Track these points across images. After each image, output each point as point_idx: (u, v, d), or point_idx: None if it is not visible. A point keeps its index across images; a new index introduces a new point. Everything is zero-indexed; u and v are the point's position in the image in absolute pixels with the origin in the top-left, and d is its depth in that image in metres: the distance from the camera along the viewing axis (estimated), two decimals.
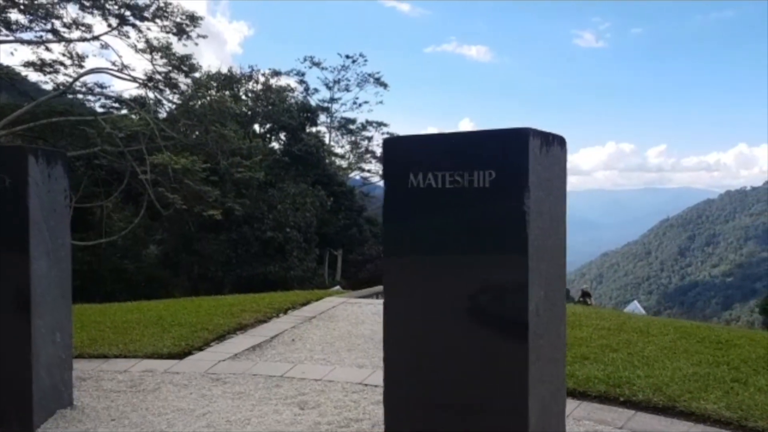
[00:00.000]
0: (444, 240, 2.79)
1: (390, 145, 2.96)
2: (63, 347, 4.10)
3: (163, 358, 5.58)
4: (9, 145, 4.51)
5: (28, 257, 3.70)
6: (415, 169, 2.84)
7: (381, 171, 34.39)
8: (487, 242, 2.67)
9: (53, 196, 3.96)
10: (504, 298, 2.62)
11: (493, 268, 2.65)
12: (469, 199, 2.70)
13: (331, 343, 6.19)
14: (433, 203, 2.80)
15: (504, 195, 2.60)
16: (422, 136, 2.89)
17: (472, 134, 2.70)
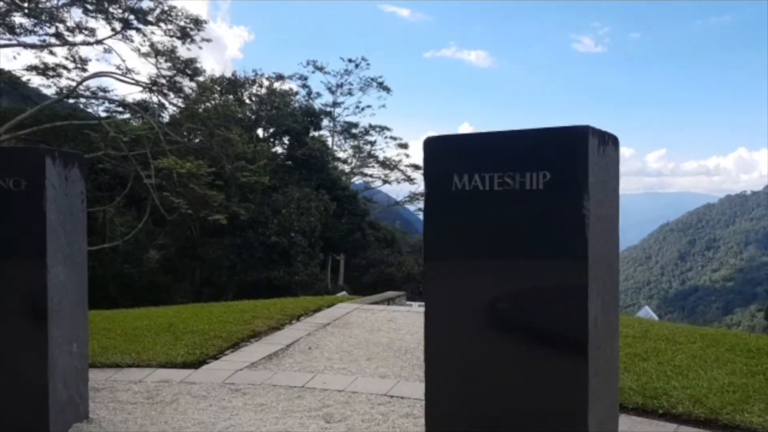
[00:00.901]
0: (493, 245, 2.63)
1: (431, 145, 2.80)
2: (79, 357, 3.93)
3: (177, 367, 5.40)
4: (26, 147, 4.36)
5: (45, 264, 3.53)
6: (459, 170, 2.69)
7: (383, 175, 34.23)
8: (542, 248, 2.51)
9: (70, 200, 3.80)
10: (561, 308, 2.46)
11: (549, 275, 2.49)
12: (521, 202, 2.54)
13: (349, 351, 6.01)
14: (481, 206, 2.64)
15: (561, 198, 2.44)
16: (468, 135, 2.74)
17: (524, 133, 2.54)
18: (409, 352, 5.93)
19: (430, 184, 2.79)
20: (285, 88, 29.59)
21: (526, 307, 2.55)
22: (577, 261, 2.40)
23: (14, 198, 3.53)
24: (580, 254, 2.39)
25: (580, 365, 2.40)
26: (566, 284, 2.43)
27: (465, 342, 2.74)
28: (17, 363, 3.57)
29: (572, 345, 2.43)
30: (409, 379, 4.98)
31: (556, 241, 2.46)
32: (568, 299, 2.43)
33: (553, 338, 2.49)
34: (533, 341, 2.54)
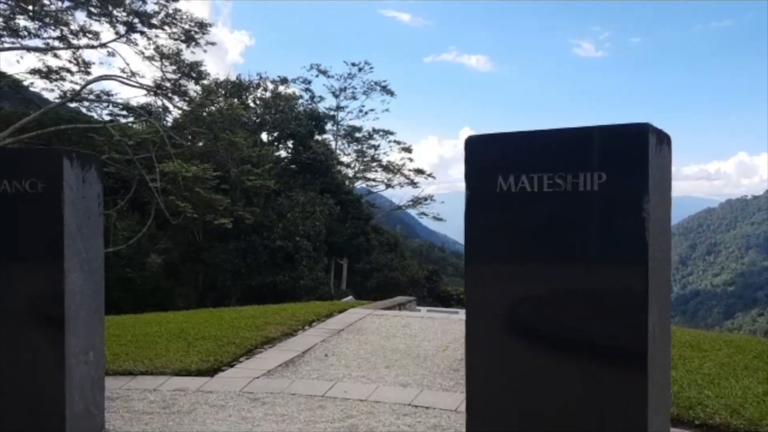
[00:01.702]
0: (542, 249, 2.49)
1: (474, 144, 2.66)
2: (96, 367, 3.79)
3: (192, 374, 5.25)
4: (43, 148, 4.22)
5: (63, 270, 3.39)
6: (505, 171, 2.55)
7: (386, 179, 34.08)
8: (598, 253, 2.37)
9: (87, 203, 3.66)
10: (619, 317, 2.31)
11: (606, 282, 2.35)
12: (574, 204, 2.40)
13: (366, 358, 5.86)
14: (528, 209, 2.51)
15: (619, 200, 2.30)
16: (515, 134, 2.60)
17: (578, 131, 2.40)
18: (428, 360, 5.78)
19: (473, 186, 2.65)
20: (289, 91, 29.52)
21: (580, 315, 2.41)
22: (637, 267, 2.25)
23: (31, 201, 3.39)
24: (640, 260, 2.25)
25: (640, 378, 2.26)
26: (625, 292, 2.29)
27: (510, 351, 2.60)
28: (33, 373, 3.43)
29: (631, 357, 2.28)
30: (432, 388, 4.83)
31: (613, 246, 2.32)
32: (627, 308, 2.28)
33: (609, 349, 2.35)
34: (586, 352, 2.40)
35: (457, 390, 4.78)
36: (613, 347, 2.34)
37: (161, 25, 21.25)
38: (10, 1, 19.30)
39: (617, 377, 2.33)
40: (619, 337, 2.32)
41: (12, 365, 3.45)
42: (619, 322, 2.32)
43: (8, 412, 3.45)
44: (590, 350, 2.39)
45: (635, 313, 2.26)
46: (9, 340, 3.43)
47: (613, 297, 2.33)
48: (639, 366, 2.26)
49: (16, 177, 3.39)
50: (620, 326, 2.32)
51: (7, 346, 3.44)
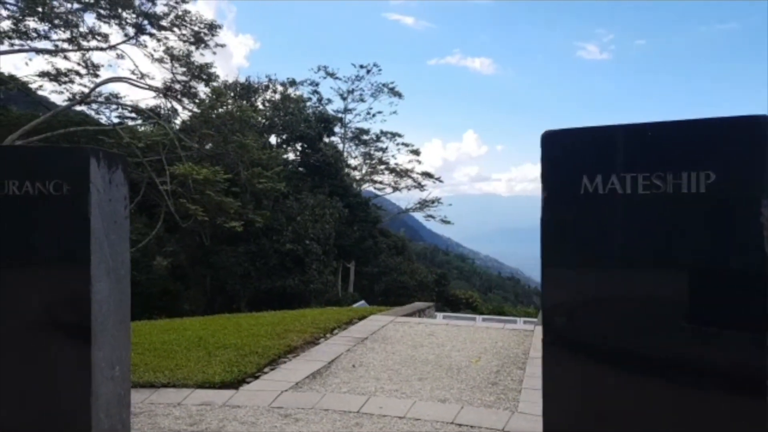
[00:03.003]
0: (636, 260, 2.21)
1: (553, 140, 2.39)
2: (122, 382, 3.52)
3: (216, 387, 4.99)
4: (68, 146, 4.00)
5: (89, 278, 3.13)
6: (591, 170, 2.27)
7: (393, 182, 33.83)
8: (703, 265, 2.09)
9: (114, 206, 3.40)
10: (731, 338, 2.03)
11: (713, 299, 2.06)
12: (674, 208, 2.12)
13: (396, 370, 5.59)
14: (620, 214, 2.23)
15: (731, 203, 2.02)
16: (602, 128, 2.32)
17: (680, 125, 2.13)
18: (461, 372, 5.50)
19: (551, 187, 2.38)
20: (298, 94, 29.30)
21: (681, 335, 2.12)
22: (754, 281, 1.97)
23: (55, 204, 3.13)
24: (758, 273, 1.97)
25: (758, 407, 1.98)
26: (740, 309, 2.01)
27: (594, 369, 2.31)
28: (56, 390, 3.16)
29: (747, 383, 2.00)
30: (473, 404, 4.55)
31: (725, 257, 2.04)
32: (742, 327, 2.00)
33: (718, 373, 2.07)
34: (689, 376, 2.12)
35: (499, 406, 4.49)
36: (723, 371, 2.06)
37: (170, 27, 21.10)
38: (20, 3, 19.17)
39: (728, 405, 2.05)
40: (733, 359, 2.04)
41: (33, 380, 3.19)
42: (732, 343, 2.03)
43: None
44: (695, 375, 2.10)
45: (755, 336, 1.98)
46: (31, 353, 3.17)
47: (724, 315, 2.05)
48: (760, 395, 1.97)
49: (39, 178, 3.13)
50: (734, 348, 2.04)
51: (29, 360, 3.18)
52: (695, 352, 2.10)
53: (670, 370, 2.14)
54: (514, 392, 4.87)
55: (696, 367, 2.11)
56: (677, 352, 2.13)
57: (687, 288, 2.13)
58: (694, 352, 2.10)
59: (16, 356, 3.18)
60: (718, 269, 2.07)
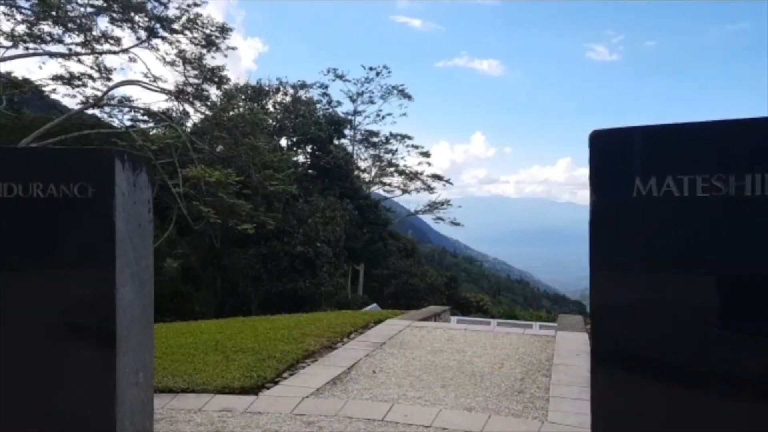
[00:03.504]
0: (696, 268, 2.10)
1: (602, 140, 2.28)
2: (145, 389, 3.44)
3: (235, 392, 4.90)
4: (93, 148, 3.93)
5: (114, 284, 3.05)
6: (644, 171, 2.16)
7: (402, 185, 33.71)
8: None
9: (138, 209, 3.33)
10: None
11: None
12: (737, 212, 2.01)
13: (418, 376, 5.48)
14: (677, 218, 2.12)
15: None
16: (656, 127, 2.21)
17: (743, 122, 2.01)
18: (485, 379, 5.38)
19: (601, 189, 2.27)
20: (308, 96, 29.29)
21: (747, 346, 2.01)
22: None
23: (79, 207, 3.05)
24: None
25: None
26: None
27: (651, 385, 2.20)
28: (80, 396, 3.09)
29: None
30: (500, 413, 4.43)
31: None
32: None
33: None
34: (761, 394, 2.00)
35: (528, 416, 4.37)
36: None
37: (182, 30, 21.14)
38: (34, 7, 19.28)
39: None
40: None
41: (57, 386, 3.12)
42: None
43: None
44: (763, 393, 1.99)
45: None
46: (55, 358, 3.09)
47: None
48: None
49: (63, 180, 3.05)
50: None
51: (53, 365, 3.10)
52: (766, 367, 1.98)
53: (737, 386, 2.02)
54: (542, 400, 4.75)
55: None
56: (745, 367, 2.02)
57: (756, 297, 2.01)
58: (765, 367, 1.98)
59: (39, 361, 3.10)
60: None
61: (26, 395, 3.11)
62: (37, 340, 3.12)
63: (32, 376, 3.11)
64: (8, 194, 3.09)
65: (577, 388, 5.04)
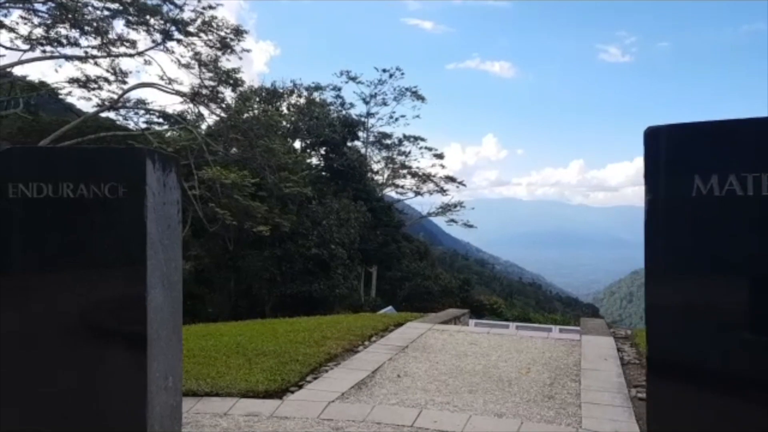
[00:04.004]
0: (763, 266, 1.99)
1: (658, 137, 2.18)
2: (174, 393, 3.38)
3: (259, 396, 4.84)
4: (124, 148, 3.87)
5: (145, 286, 2.99)
6: (704, 170, 2.06)
7: (415, 187, 33.57)
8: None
9: (168, 210, 3.27)
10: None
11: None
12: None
13: (444, 381, 5.37)
14: (740, 216, 2.01)
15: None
16: (717, 123, 2.10)
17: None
18: (513, 384, 5.27)
19: (657, 188, 2.17)
20: (322, 98, 29.30)
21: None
22: None
23: (110, 208, 3.00)
24: None
25: None
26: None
27: (711, 396, 2.09)
28: (110, 400, 3.03)
29: None
30: (532, 419, 4.32)
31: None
32: None
33: None
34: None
35: (561, 422, 4.26)
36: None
37: (197, 33, 21.23)
38: (52, 10, 19.46)
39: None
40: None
41: (87, 390, 3.06)
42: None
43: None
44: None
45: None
46: (85, 361, 3.03)
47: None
48: None
49: (94, 180, 3.00)
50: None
51: (83, 368, 3.05)
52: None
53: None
54: (573, 407, 4.63)
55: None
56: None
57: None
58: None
59: (69, 364, 3.05)
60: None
61: (57, 396, 3.05)
62: (68, 342, 3.07)
63: (63, 378, 3.05)
64: (38, 194, 3.05)
65: (609, 394, 4.91)
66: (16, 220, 3.05)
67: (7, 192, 3.05)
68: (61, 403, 3.06)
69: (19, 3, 20.06)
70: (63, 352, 3.08)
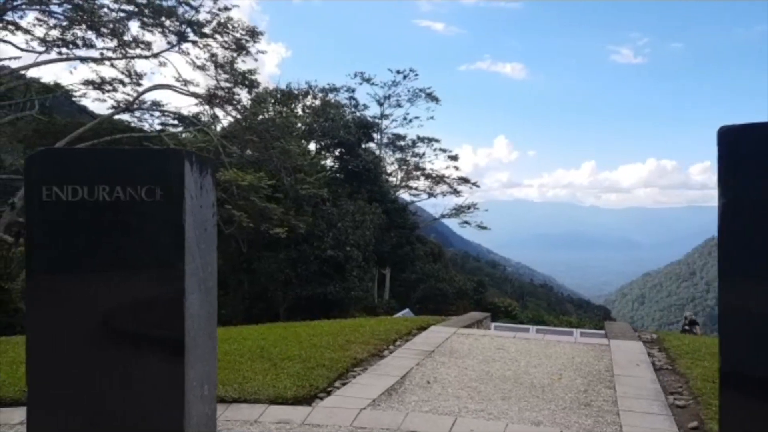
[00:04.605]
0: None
1: (734, 137, 2.05)
2: (210, 401, 3.29)
3: (288, 403, 4.74)
4: (162, 149, 3.78)
5: (183, 291, 2.91)
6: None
7: (428, 188, 33.42)
8: None
9: (204, 213, 3.18)
10: None
11: None
12: None
13: (475, 387, 5.25)
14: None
15: None
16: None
17: None
18: (546, 390, 5.13)
19: (733, 190, 2.04)
20: (337, 99, 29.25)
21: None
22: None
23: (147, 211, 2.92)
24: None
25: None
26: None
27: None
28: (149, 410, 2.94)
29: None
30: (570, 427, 4.19)
31: None
32: None
33: None
34: None
35: (600, 431, 4.12)
36: None
37: (212, 34, 21.25)
38: (68, 12, 19.57)
39: None
40: None
41: (122, 398, 2.98)
42: None
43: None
44: None
45: None
46: (121, 369, 2.95)
47: None
48: None
49: (130, 183, 2.92)
50: None
51: (119, 376, 2.96)
52: None
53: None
54: (611, 414, 4.49)
55: None
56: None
57: None
58: None
59: (104, 369, 2.96)
60: None
61: (91, 402, 2.97)
62: (102, 346, 2.98)
63: (98, 383, 2.97)
64: (72, 197, 2.98)
65: (647, 402, 4.77)
66: (50, 223, 2.97)
67: (41, 195, 2.97)
68: (95, 408, 2.98)
69: (35, 4, 20.20)
70: (97, 356, 2.99)
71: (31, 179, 2.98)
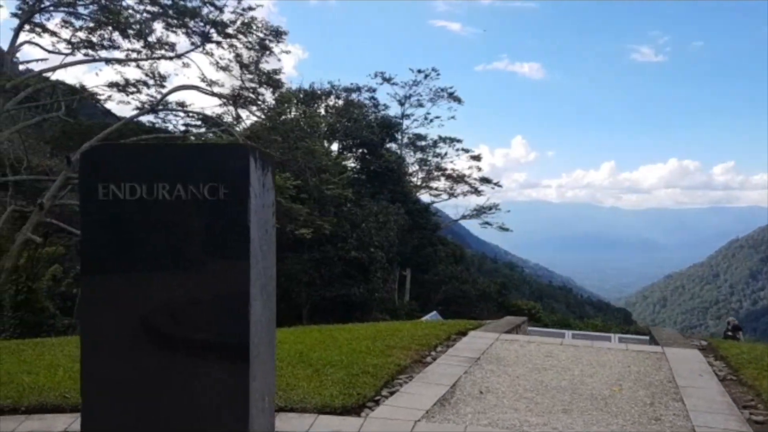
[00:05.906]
0: None
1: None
2: (270, 413, 3.08)
3: (336, 413, 4.52)
4: (226, 144, 3.59)
5: (248, 297, 2.69)
6: None
7: (449, 188, 32.99)
8: None
9: (266, 213, 2.97)
10: None
11: None
12: None
13: (531, 398, 4.97)
14: None
15: None
16: None
17: None
18: (608, 403, 4.83)
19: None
20: (359, 99, 29.08)
21: None
22: None
23: (210, 211, 2.71)
24: None
25: None
26: None
27: None
28: (210, 422, 2.73)
29: None
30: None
31: None
32: None
33: None
34: None
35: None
36: None
37: (236, 35, 21.19)
38: (95, 14, 19.65)
39: None
40: None
41: (184, 407, 2.76)
42: None
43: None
44: None
45: None
46: (182, 379, 2.74)
47: None
48: None
49: (192, 181, 2.71)
50: None
51: (179, 386, 2.75)
52: None
53: None
54: (686, 430, 4.18)
55: None
56: None
57: None
58: None
59: (164, 375, 2.75)
60: None
61: (150, 409, 2.76)
62: (162, 352, 2.77)
63: (156, 389, 2.76)
64: (131, 196, 2.77)
65: (722, 417, 4.45)
66: (107, 223, 2.77)
67: (97, 193, 2.77)
68: (153, 415, 2.77)
69: (63, 6, 20.32)
70: (155, 362, 2.78)
71: (86, 176, 2.79)
